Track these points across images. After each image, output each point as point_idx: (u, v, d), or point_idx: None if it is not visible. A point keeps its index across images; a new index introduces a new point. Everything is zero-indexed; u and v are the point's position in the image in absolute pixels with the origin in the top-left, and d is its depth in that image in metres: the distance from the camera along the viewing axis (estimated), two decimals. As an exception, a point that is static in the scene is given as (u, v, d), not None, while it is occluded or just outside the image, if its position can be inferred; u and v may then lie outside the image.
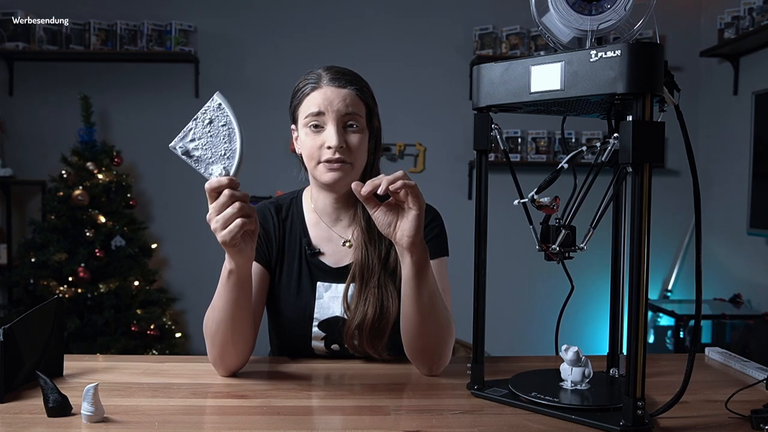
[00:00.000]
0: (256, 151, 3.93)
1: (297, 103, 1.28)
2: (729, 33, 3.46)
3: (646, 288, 0.89)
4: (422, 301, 1.13)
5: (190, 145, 1.01)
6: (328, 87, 1.24)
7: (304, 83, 1.27)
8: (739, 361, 1.27)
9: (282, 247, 1.34)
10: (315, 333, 1.31)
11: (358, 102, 1.26)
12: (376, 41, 3.91)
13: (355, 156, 1.26)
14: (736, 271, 3.63)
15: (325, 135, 1.23)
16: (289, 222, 1.36)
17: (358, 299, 1.26)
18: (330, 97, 1.23)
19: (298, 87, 1.29)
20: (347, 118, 1.24)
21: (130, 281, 3.48)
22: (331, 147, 1.22)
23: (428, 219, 1.33)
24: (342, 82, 1.25)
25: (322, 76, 1.26)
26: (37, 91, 3.88)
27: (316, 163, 1.25)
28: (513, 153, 3.84)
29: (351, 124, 1.25)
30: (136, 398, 1.05)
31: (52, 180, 3.55)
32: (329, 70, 1.27)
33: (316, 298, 1.31)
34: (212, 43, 3.90)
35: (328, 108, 1.23)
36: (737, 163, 3.52)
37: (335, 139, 1.22)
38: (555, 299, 1.37)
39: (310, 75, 1.28)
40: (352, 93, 1.25)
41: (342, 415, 0.99)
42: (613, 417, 0.93)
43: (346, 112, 1.24)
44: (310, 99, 1.25)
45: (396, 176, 1.04)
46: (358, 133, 1.26)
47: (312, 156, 1.25)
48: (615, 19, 0.94)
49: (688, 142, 0.94)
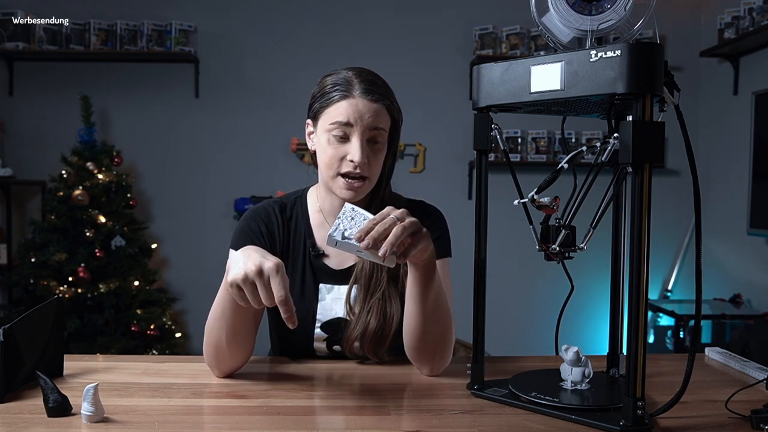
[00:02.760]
0: (255, 151, 3.94)
1: (323, 105, 1.23)
2: (729, 33, 3.46)
3: (646, 288, 0.89)
4: (427, 303, 1.13)
5: (345, 233, 1.01)
6: (360, 99, 1.20)
7: (334, 87, 1.22)
8: (739, 361, 1.27)
9: (286, 248, 1.33)
10: (317, 334, 1.31)
11: (386, 116, 1.24)
12: (376, 41, 3.91)
13: (373, 171, 1.24)
14: (736, 271, 3.63)
15: (350, 148, 1.21)
16: (293, 222, 1.34)
17: (362, 308, 1.25)
18: (361, 111, 1.20)
19: (325, 89, 1.24)
20: (373, 133, 1.22)
21: (130, 281, 3.48)
22: (354, 162, 1.20)
23: (431, 220, 1.33)
24: (375, 96, 1.21)
25: (353, 85, 1.21)
26: (37, 91, 3.88)
27: (334, 174, 1.23)
28: (513, 153, 3.84)
29: (375, 139, 1.23)
30: (136, 398, 1.04)
31: (52, 180, 3.55)
32: (361, 79, 1.22)
33: (319, 300, 1.31)
34: (212, 43, 3.90)
35: (358, 121, 1.20)
36: (737, 163, 3.52)
37: (359, 156, 1.19)
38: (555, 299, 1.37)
39: (340, 78, 1.23)
40: (382, 108, 1.22)
41: (342, 415, 0.99)
42: (613, 417, 0.93)
43: (374, 126, 1.21)
44: (340, 107, 1.20)
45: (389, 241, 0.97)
46: (381, 148, 1.24)
47: (331, 165, 1.23)
48: (615, 19, 0.94)
49: (688, 142, 0.94)
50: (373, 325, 1.23)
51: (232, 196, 3.91)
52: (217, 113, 3.93)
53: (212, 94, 3.93)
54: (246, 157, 3.94)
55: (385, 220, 1.00)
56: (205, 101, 3.93)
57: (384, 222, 0.99)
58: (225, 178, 3.93)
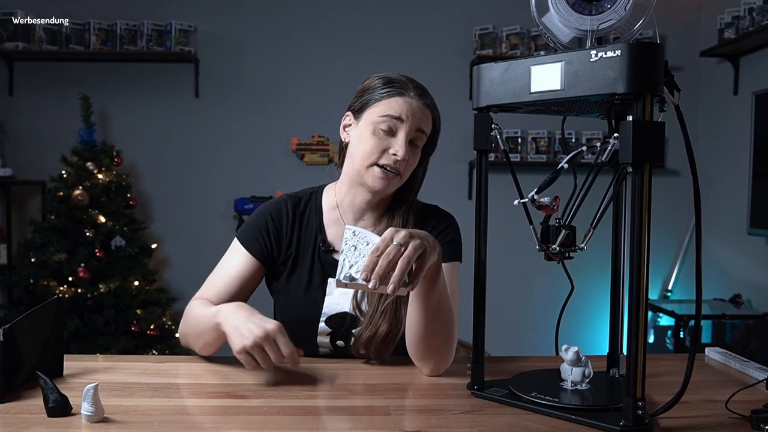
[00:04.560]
0: (256, 151, 3.94)
1: (374, 98, 1.27)
2: (729, 33, 3.46)
3: (646, 288, 0.89)
4: (430, 303, 1.13)
5: (352, 271, 1.01)
6: (414, 99, 1.26)
7: (388, 84, 1.27)
8: (739, 361, 1.27)
9: (296, 242, 1.34)
10: (321, 329, 1.32)
11: (431, 122, 1.29)
12: (376, 41, 3.91)
13: (408, 170, 1.29)
14: (736, 271, 3.63)
15: (394, 141, 1.25)
16: (306, 217, 1.37)
17: (375, 310, 1.26)
18: (414, 109, 1.25)
19: (377, 85, 1.28)
20: (417, 134, 1.27)
21: (130, 281, 3.48)
22: (397, 155, 1.24)
23: (444, 225, 1.35)
24: (426, 99, 1.28)
25: (408, 86, 1.27)
26: (37, 91, 3.88)
27: (371, 164, 1.26)
28: (513, 153, 3.84)
29: (417, 140, 1.27)
30: (136, 398, 1.04)
31: (52, 180, 3.55)
32: (415, 83, 1.29)
33: (326, 294, 1.32)
34: (212, 43, 3.90)
35: (409, 117, 1.25)
36: (737, 163, 3.52)
37: (402, 150, 1.24)
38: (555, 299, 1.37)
39: (395, 78, 1.28)
40: (430, 113, 1.29)
41: (343, 415, 0.99)
42: (613, 417, 0.93)
43: (419, 127, 1.27)
44: (394, 102, 1.25)
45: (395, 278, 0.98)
46: (418, 152, 1.29)
47: (370, 156, 1.26)
48: (615, 19, 0.94)
49: (688, 142, 0.94)
50: (383, 329, 1.24)
51: (232, 196, 3.91)
52: (217, 113, 3.93)
53: (212, 94, 3.93)
54: (246, 157, 3.94)
55: (389, 250, 0.99)
56: (205, 101, 3.93)
57: (387, 253, 0.99)
58: (225, 178, 3.93)
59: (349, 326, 1.30)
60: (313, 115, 3.86)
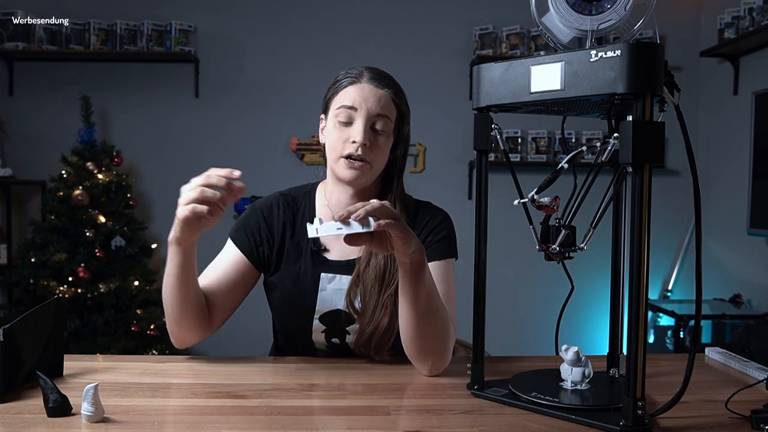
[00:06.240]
0: (256, 151, 3.93)
1: (333, 93, 1.30)
2: (729, 33, 3.46)
3: (646, 288, 0.89)
4: (419, 303, 1.13)
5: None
6: (366, 84, 1.26)
7: (344, 76, 1.29)
8: (739, 361, 1.27)
9: (288, 239, 1.34)
10: (315, 326, 1.31)
11: (392, 106, 1.28)
12: (376, 41, 3.91)
13: (375, 156, 1.27)
14: (736, 271, 3.63)
15: (352, 130, 1.25)
16: (300, 215, 1.36)
17: (376, 303, 1.26)
18: (366, 95, 1.25)
19: (337, 78, 1.30)
20: (377, 119, 1.26)
21: (130, 281, 3.48)
22: (356, 142, 1.24)
23: (437, 221, 1.34)
24: (381, 83, 1.27)
25: (363, 73, 1.28)
26: (37, 91, 3.88)
27: (338, 157, 1.27)
28: (513, 153, 3.84)
29: (379, 125, 1.26)
30: (136, 398, 1.04)
31: (52, 180, 3.55)
32: (371, 70, 1.29)
33: (319, 290, 1.31)
34: (212, 43, 3.90)
35: (362, 104, 1.25)
36: (737, 163, 3.52)
37: (361, 136, 1.23)
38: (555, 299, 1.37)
39: (352, 70, 1.30)
40: (388, 95, 1.27)
41: (342, 415, 0.99)
42: (613, 417, 0.93)
43: (378, 113, 1.26)
44: (347, 92, 1.26)
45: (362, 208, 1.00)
46: (384, 136, 1.28)
47: (335, 148, 1.27)
48: (615, 19, 0.94)
49: (688, 142, 0.94)
50: (385, 323, 1.24)
51: (232, 196, 3.90)
52: (217, 113, 3.93)
53: (212, 93, 3.93)
54: (246, 156, 3.94)
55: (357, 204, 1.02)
56: (205, 101, 3.93)
57: (356, 205, 1.01)
58: (225, 178, 3.93)
59: (344, 323, 1.30)
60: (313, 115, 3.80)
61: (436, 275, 1.25)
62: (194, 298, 1.22)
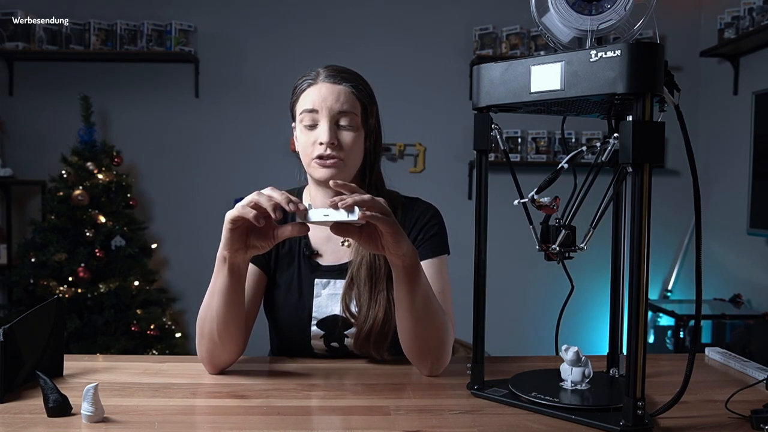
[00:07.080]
0: (255, 151, 3.94)
1: (295, 99, 1.30)
2: (729, 33, 3.46)
3: (646, 288, 0.89)
4: (416, 304, 1.12)
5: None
6: (323, 84, 1.26)
7: (302, 80, 1.29)
8: (739, 361, 1.27)
9: (280, 247, 1.33)
10: (314, 332, 1.31)
11: (353, 100, 1.27)
12: (376, 41, 3.91)
13: (347, 153, 1.26)
14: (736, 271, 3.63)
15: (318, 132, 1.25)
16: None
17: (369, 302, 1.25)
18: (324, 94, 1.25)
19: (296, 84, 1.30)
20: (340, 116, 1.25)
21: (130, 281, 3.48)
22: (323, 143, 1.23)
23: (427, 217, 1.33)
24: (337, 79, 1.26)
25: (319, 73, 1.28)
26: (37, 91, 3.88)
27: (309, 160, 1.27)
28: (513, 153, 3.84)
29: (344, 121, 1.25)
30: (136, 398, 1.05)
31: (52, 180, 3.55)
32: (327, 68, 1.29)
33: (314, 296, 1.31)
34: (212, 43, 3.91)
35: (322, 105, 1.24)
36: (737, 163, 3.52)
37: (326, 136, 1.23)
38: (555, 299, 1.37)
39: (309, 72, 1.29)
40: (346, 90, 1.26)
41: (342, 415, 0.99)
42: (613, 417, 0.93)
43: (340, 110, 1.25)
44: (306, 95, 1.26)
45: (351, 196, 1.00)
46: (352, 131, 1.26)
47: (306, 152, 1.27)
48: (615, 19, 0.94)
49: (688, 142, 0.94)
50: (380, 317, 1.23)
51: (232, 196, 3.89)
52: (216, 113, 3.93)
53: (212, 93, 3.93)
54: (246, 156, 3.94)
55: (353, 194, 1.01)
56: (205, 101, 3.93)
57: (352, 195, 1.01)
58: (225, 178, 3.93)
59: (342, 328, 1.29)
60: (313, 115, 3.85)
61: (430, 273, 1.25)
62: (239, 317, 1.18)
